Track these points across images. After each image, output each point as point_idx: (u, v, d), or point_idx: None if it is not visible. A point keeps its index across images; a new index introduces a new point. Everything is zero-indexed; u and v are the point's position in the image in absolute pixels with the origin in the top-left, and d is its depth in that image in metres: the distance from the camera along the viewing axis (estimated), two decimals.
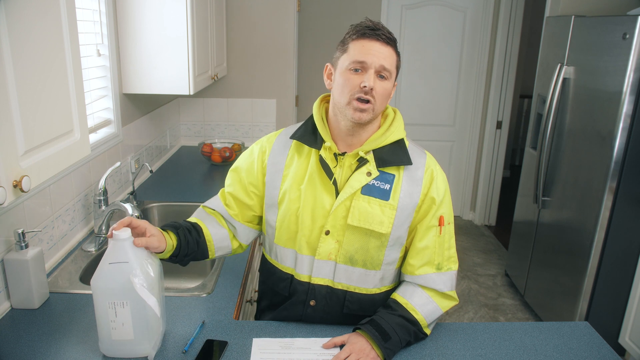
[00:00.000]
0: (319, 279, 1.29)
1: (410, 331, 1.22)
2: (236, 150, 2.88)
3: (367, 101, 1.16)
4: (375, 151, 1.23)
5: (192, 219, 1.36)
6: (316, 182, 1.24)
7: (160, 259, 1.20)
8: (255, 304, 1.90)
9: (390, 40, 1.18)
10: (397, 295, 1.27)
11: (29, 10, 0.99)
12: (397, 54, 1.21)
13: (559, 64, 2.74)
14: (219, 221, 1.37)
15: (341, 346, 1.22)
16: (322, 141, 1.24)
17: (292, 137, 1.28)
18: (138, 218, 1.54)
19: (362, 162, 1.22)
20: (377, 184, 1.22)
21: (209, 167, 2.83)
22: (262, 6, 3.22)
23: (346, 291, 1.30)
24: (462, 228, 4.36)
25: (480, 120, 4.26)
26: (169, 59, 2.23)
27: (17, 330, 1.26)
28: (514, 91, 4.19)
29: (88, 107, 1.93)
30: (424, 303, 1.24)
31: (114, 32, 2.15)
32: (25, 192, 0.96)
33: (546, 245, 2.92)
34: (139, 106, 2.49)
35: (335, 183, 1.23)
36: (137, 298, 1.08)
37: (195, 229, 1.31)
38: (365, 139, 1.24)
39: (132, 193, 2.12)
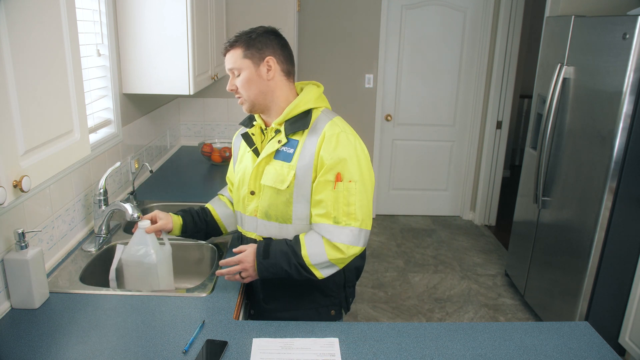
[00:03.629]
0: (249, 233, 1.53)
1: (291, 262, 1.38)
2: None
3: (239, 97, 1.45)
4: (286, 122, 1.44)
5: (206, 204, 1.72)
6: (247, 153, 1.53)
7: (178, 235, 1.63)
8: None
9: (228, 46, 1.43)
10: (302, 234, 1.43)
11: (29, 10, 0.99)
12: (242, 45, 1.41)
13: (559, 64, 2.74)
14: (227, 204, 1.71)
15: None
16: (254, 122, 1.52)
17: (240, 122, 1.58)
18: (139, 218, 1.56)
19: (277, 133, 1.45)
20: (285, 149, 1.42)
21: (209, 167, 2.83)
22: (262, 6, 3.22)
23: None
24: (462, 228, 4.37)
25: (480, 120, 4.26)
26: (169, 59, 2.23)
27: (17, 330, 1.26)
28: (514, 91, 4.19)
29: (88, 107, 1.93)
30: (313, 244, 1.38)
31: (114, 32, 2.15)
32: (25, 192, 0.96)
33: (546, 245, 2.92)
34: (139, 106, 2.49)
35: (256, 151, 1.48)
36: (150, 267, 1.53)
37: (205, 211, 1.67)
38: (276, 116, 1.46)
39: (132, 193, 2.12)
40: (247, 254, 1.42)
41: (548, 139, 2.83)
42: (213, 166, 2.85)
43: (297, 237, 1.42)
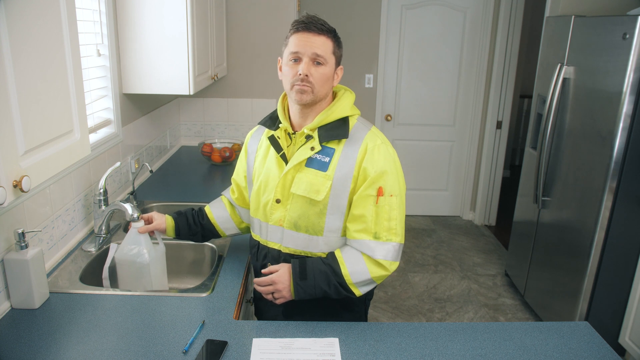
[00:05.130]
0: (272, 243, 1.44)
1: (330, 282, 1.31)
2: (236, 150, 2.88)
3: (307, 86, 1.31)
4: (319, 128, 1.36)
5: (206, 206, 1.66)
6: (272, 158, 1.42)
7: (173, 238, 1.62)
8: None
9: (323, 30, 1.32)
10: (337, 250, 1.37)
11: (29, 10, 0.99)
12: (334, 41, 1.34)
13: (559, 64, 2.74)
14: (225, 205, 1.64)
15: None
16: (280, 124, 1.41)
17: (259, 122, 1.48)
18: (138, 218, 1.56)
19: (309, 138, 1.36)
20: (319, 157, 1.35)
21: (209, 167, 2.83)
22: (262, 6, 3.22)
23: (293, 255, 1.41)
24: (462, 228, 4.37)
25: (480, 120, 4.26)
26: (169, 59, 2.23)
27: (17, 330, 1.26)
28: (514, 91, 4.19)
29: (88, 107, 1.93)
30: (354, 262, 1.32)
31: (114, 32, 2.15)
32: (25, 192, 0.96)
33: (546, 245, 2.92)
34: (139, 106, 2.49)
35: (284, 157, 1.39)
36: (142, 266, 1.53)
37: (201, 213, 1.62)
38: (310, 120, 1.38)
39: (132, 193, 2.12)
40: (281, 274, 1.34)
41: (548, 139, 2.83)
42: (213, 166, 2.85)
43: (333, 255, 1.35)
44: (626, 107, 2.28)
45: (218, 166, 2.84)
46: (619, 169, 2.36)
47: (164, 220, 1.57)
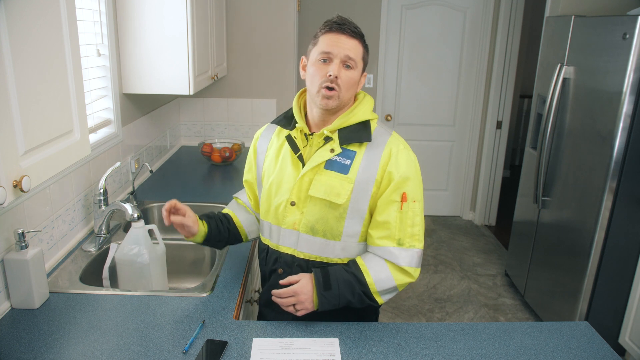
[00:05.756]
0: (285, 248, 1.39)
1: (354, 291, 1.28)
2: (236, 150, 2.88)
3: (333, 89, 1.27)
4: (340, 130, 1.33)
5: (225, 210, 1.56)
6: (287, 159, 1.37)
7: (197, 243, 1.45)
8: (254, 304, 1.91)
9: (355, 34, 1.30)
10: (358, 257, 1.34)
11: (29, 10, 0.99)
12: (364, 46, 1.32)
13: (559, 64, 2.74)
14: (247, 210, 1.57)
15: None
16: (296, 124, 1.37)
17: (273, 121, 1.45)
18: (139, 218, 1.56)
19: (327, 140, 1.33)
20: (339, 159, 1.31)
21: (209, 167, 2.83)
22: (262, 6, 3.22)
23: (308, 260, 1.37)
24: (462, 228, 4.36)
25: (480, 120, 4.26)
26: (169, 59, 2.23)
27: (17, 330, 1.26)
28: (514, 91, 4.19)
29: (88, 107, 1.93)
30: (379, 270, 1.29)
31: (114, 32, 2.15)
32: (25, 192, 0.96)
33: (546, 245, 2.92)
34: (139, 106, 2.49)
35: (301, 158, 1.34)
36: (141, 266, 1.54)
37: (227, 218, 1.52)
38: (331, 123, 1.35)
39: (132, 193, 2.12)
40: (302, 285, 1.28)
41: (548, 139, 2.83)
42: (213, 166, 2.85)
43: (355, 263, 1.31)
44: (626, 107, 2.28)
45: (218, 166, 2.84)
46: (619, 169, 2.36)
47: (196, 222, 1.39)
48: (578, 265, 2.58)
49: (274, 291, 1.30)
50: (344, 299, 1.28)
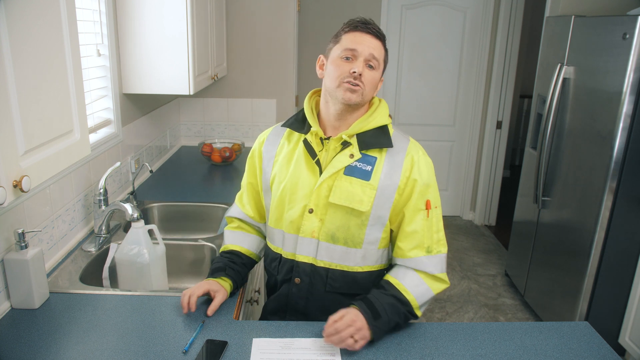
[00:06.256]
0: (303, 257, 1.34)
1: (400, 312, 1.25)
2: (236, 150, 2.88)
3: (357, 84, 1.24)
4: (358, 135, 1.30)
5: (228, 246, 1.48)
6: (302, 164, 1.32)
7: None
8: (254, 304, 1.91)
9: (379, 35, 1.28)
10: (389, 277, 1.30)
11: (29, 10, 0.99)
12: (386, 49, 1.31)
13: (559, 64, 2.74)
14: (246, 230, 1.51)
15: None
16: (310, 127, 1.33)
17: (284, 124, 1.39)
18: (139, 218, 1.56)
19: (345, 145, 1.29)
20: (359, 165, 1.28)
21: (209, 167, 2.83)
22: (262, 6, 3.22)
23: (328, 269, 1.34)
24: (462, 228, 4.36)
25: (480, 120, 4.26)
26: (169, 59, 2.23)
27: (17, 330, 1.26)
28: (514, 91, 4.20)
29: (88, 107, 1.93)
30: (415, 284, 1.28)
31: (114, 32, 2.15)
32: (25, 192, 0.96)
33: (546, 245, 2.92)
34: (139, 106, 2.49)
35: (318, 163, 1.30)
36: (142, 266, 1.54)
37: (237, 255, 1.46)
38: (351, 124, 1.31)
39: (132, 193, 2.12)
40: (354, 314, 1.19)
41: (548, 139, 2.83)
42: (213, 166, 2.85)
43: (389, 283, 1.28)
44: (626, 107, 2.28)
45: (218, 166, 2.84)
46: (619, 169, 2.36)
47: (224, 290, 1.36)
48: (578, 265, 2.58)
49: (329, 329, 1.17)
50: (393, 323, 1.24)
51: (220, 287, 1.35)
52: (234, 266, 1.42)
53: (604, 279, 2.51)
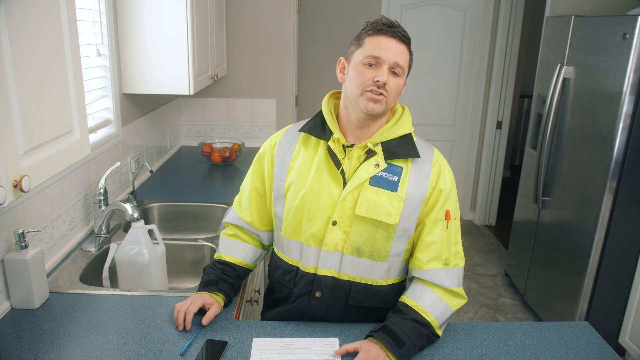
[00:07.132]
0: (325, 270, 1.28)
1: (423, 334, 1.20)
2: (236, 150, 2.88)
3: (380, 94, 1.18)
4: (383, 144, 1.24)
5: (222, 256, 1.43)
6: (323, 173, 1.25)
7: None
8: (254, 304, 1.91)
9: (405, 39, 1.22)
10: (406, 298, 1.25)
11: (29, 10, 0.99)
12: (410, 53, 1.25)
13: (559, 64, 2.74)
14: (241, 239, 1.44)
15: (354, 354, 1.17)
16: (331, 133, 1.26)
17: (301, 129, 1.30)
18: (139, 218, 1.56)
19: (370, 154, 1.24)
20: (385, 175, 1.23)
21: (209, 167, 2.83)
22: (262, 6, 3.22)
23: (352, 282, 1.29)
24: (462, 228, 4.36)
25: (480, 120, 4.26)
26: (169, 59, 2.23)
27: (17, 330, 1.26)
28: (514, 91, 4.20)
29: (88, 107, 1.93)
30: (434, 304, 1.23)
31: (114, 32, 2.15)
32: (25, 192, 0.96)
33: (546, 245, 2.92)
34: (139, 106, 2.49)
35: (343, 173, 1.24)
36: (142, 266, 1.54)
37: (229, 266, 1.40)
38: (374, 132, 1.26)
39: (132, 193, 2.12)
40: (375, 354, 1.14)
41: (548, 139, 2.83)
42: (213, 166, 2.85)
43: (406, 306, 1.22)
44: (626, 107, 2.28)
45: (218, 166, 2.84)
46: (619, 169, 2.36)
47: (216, 302, 1.32)
48: (578, 265, 2.58)
49: None
50: (419, 346, 1.20)
51: (214, 300, 1.32)
52: (227, 279, 1.38)
53: (603, 279, 2.51)
